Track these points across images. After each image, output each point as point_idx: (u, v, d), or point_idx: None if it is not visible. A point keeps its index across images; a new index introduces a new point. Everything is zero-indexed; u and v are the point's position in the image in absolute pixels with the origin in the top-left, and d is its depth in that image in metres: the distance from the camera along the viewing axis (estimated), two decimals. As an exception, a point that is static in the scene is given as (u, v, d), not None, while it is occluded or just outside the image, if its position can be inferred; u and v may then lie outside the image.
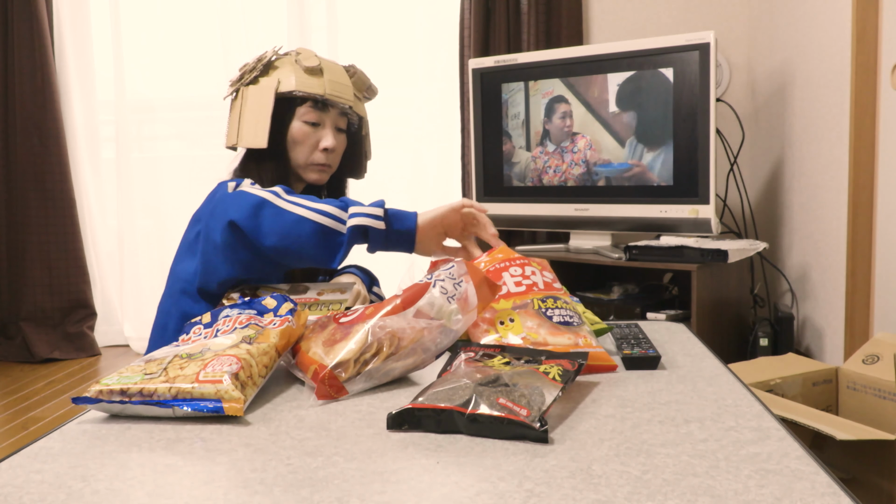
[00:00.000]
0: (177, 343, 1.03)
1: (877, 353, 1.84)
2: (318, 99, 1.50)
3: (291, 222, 1.21)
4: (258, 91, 1.49)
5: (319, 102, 1.51)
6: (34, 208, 3.72)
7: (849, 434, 1.47)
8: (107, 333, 3.95)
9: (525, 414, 0.77)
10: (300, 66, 1.50)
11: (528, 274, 1.11)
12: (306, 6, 3.67)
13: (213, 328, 1.03)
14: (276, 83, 1.49)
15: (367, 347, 0.96)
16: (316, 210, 1.23)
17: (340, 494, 0.65)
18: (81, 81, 3.83)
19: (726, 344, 2.70)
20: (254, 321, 1.02)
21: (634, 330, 1.19)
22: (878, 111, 2.22)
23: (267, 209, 1.23)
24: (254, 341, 0.98)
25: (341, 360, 0.94)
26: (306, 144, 1.51)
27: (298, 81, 1.49)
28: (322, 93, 1.50)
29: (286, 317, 1.05)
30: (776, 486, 0.64)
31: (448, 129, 3.58)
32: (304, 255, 1.23)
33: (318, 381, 0.93)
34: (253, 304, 1.08)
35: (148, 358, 0.96)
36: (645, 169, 2.77)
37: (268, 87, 1.49)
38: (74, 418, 0.90)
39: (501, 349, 0.95)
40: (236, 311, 1.06)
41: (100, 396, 0.88)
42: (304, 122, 1.50)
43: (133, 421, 0.88)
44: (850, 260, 2.30)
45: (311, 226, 1.21)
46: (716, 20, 3.29)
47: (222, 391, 0.87)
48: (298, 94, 1.49)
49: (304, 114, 1.50)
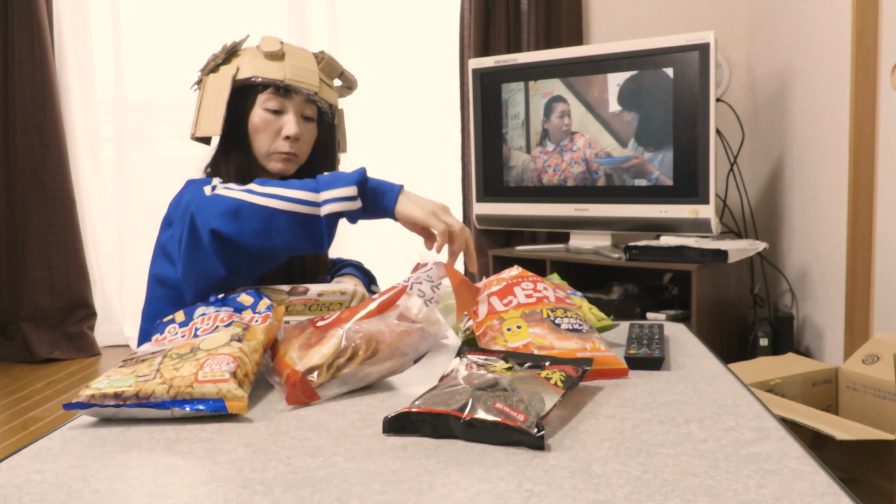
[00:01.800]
0: (151, 343, 1.01)
1: (877, 353, 1.84)
2: (279, 85, 1.43)
3: (269, 217, 1.17)
4: (217, 78, 1.44)
5: (281, 89, 1.43)
6: (34, 208, 3.72)
7: (849, 434, 1.47)
8: (107, 333, 3.95)
9: (522, 419, 0.76)
10: (261, 52, 1.44)
11: (539, 289, 1.10)
12: (306, 6, 3.67)
13: (191, 327, 1.01)
14: (234, 70, 1.43)
15: (342, 352, 0.94)
16: (290, 199, 1.18)
17: (340, 494, 0.65)
18: (81, 81, 3.83)
19: (726, 344, 2.70)
20: (236, 319, 1.01)
21: (654, 331, 1.17)
22: (878, 111, 2.22)
23: (244, 210, 1.19)
24: (244, 339, 0.97)
25: (314, 364, 0.93)
26: (268, 132, 1.44)
27: (257, 67, 1.43)
28: (282, 78, 1.42)
29: (266, 313, 1.04)
30: (776, 486, 0.64)
31: (448, 129, 3.58)
32: (291, 247, 1.20)
33: (290, 385, 0.92)
34: (227, 302, 1.06)
35: (131, 360, 0.95)
36: (644, 160, 2.77)
37: (226, 74, 1.43)
38: (75, 418, 0.90)
39: (505, 354, 0.94)
40: (212, 309, 1.04)
41: (92, 401, 0.86)
42: (265, 109, 1.43)
43: (132, 422, 0.88)
44: (850, 260, 2.30)
45: (287, 218, 1.17)
46: (716, 20, 3.29)
47: (224, 390, 0.87)
48: (257, 79, 1.42)
49: (265, 101, 1.43)
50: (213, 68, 1.45)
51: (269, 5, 3.71)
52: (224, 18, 3.76)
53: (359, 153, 3.73)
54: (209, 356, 0.92)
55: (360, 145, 3.74)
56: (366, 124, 3.72)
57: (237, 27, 3.75)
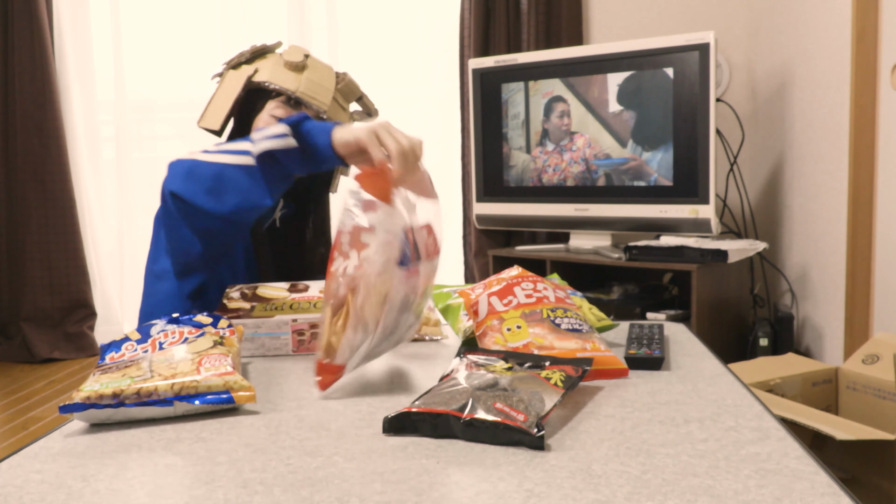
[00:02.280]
0: (106, 361, 0.96)
1: (877, 353, 1.84)
2: (290, 95, 1.43)
3: (218, 174, 1.16)
4: (235, 76, 1.45)
5: (291, 99, 1.44)
6: (34, 208, 3.71)
7: (849, 434, 1.47)
8: (107, 333, 3.94)
9: (522, 419, 0.76)
10: (282, 60, 1.45)
11: (539, 289, 1.10)
12: (306, 6, 3.67)
13: (153, 342, 0.98)
14: (252, 71, 1.43)
15: (335, 317, 0.94)
16: (234, 152, 1.17)
17: (340, 494, 0.65)
18: (81, 81, 3.83)
19: (726, 344, 2.70)
20: (207, 331, 1.00)
21: (654, 331, 1.17)
22: (878, 111, 2.22)
23: (196, 169, 1.18)
24: (225, 344, 0.98)
25: (323, 347, 0.95)
26: None
27: (274, 74, 1.43)
28: (294, 89, 1.42)
29: (231, 328, 1.04)
30: (776, 486, 0.64)
31: (448, 130, 3.58)
32: (242, 203, 1.17)
33: (317, 375, 0.95)
34: (185, 322, 1.03)
35: (112, 367, 0.92)
36: (642, 163, 2.77)
37: (243, 74, 1.44)
38: (75, 418, 0.90)
39: (505, 354, 0.94)
40: (172, 326, 1.01)
41: (88, 402, 0.84)
42: (271, 115, 1.43)
43: (131, 422, 0.87)
44: (850, 260, 2.30)
45: (233, 170, 1.16)
46: (716, 20, 3.30)
47: (231, 382, 0.87)
48: (270, 86, 1.42)
49: (273, 107, 1.43)
50: (236, 65, 1.46)
51: (269, 5, 3.71)
52: (224, 18, 3.76)
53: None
54: (202, 355, 0.92)
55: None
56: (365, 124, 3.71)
57: (237, 27, 3.75)
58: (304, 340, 1.18)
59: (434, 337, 1.26)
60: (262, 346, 1.18)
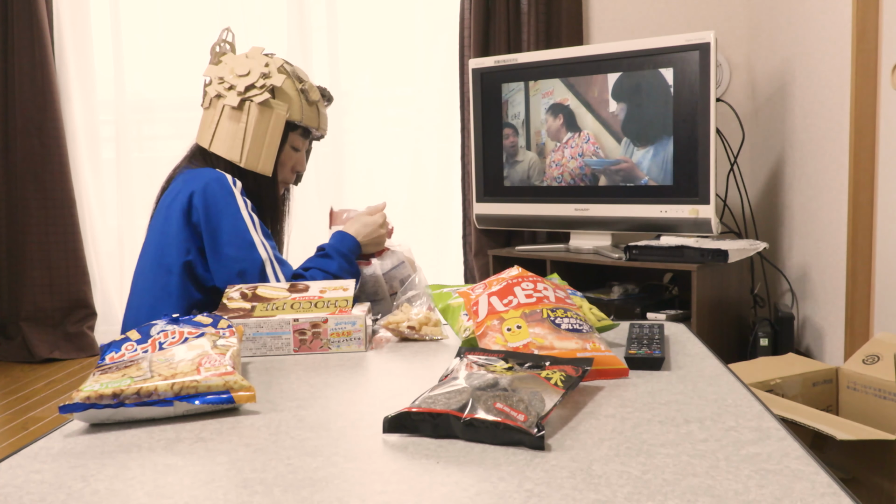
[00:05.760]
0: (105, 361, 0.96)
1: (877, 353, 1.84)
2: (314, 134, 1.63)
3: None
4: (269, 115, 1.53)
5: (309, 133, 1.62)
6: (34, 208, 3.71)
7: (849, 434, 1.47)
8: (107, 333, 3.94)
9: (522, 419, 0.76)
10: (304, 98, 1.57)
11: (539, 289, 1.10)
12: (306, 6, 3.67)
13: (153, 342, 0.99)
14: (285, 111, 1.54)
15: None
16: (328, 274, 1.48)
17: (340, 494, 0.65)
18: (81, 81, 3.83)
19: (726, 344, 2.70)
20: (206, 332, 1.00)
21: (654, 331, 1.17)
22: (878, 111, 2.22)
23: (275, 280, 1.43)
24: (225, 344, 0.98)
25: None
26: (287, 166, 1.61)
27: (305, 115, 1.58)
28: (316, 126, 1.62)
29: (231, 329, 1.04)
30: (776, 486, 0.64)
31: (448, 129, 3.58)
32: None
33: None
34: (185, 322, 1.04)
35: (112, 367, 0.92)
36: (642, 162, 2.77)
37: (279, 116, 1.54)
38: (75, 418, 0.90)
39: (505, 354, 0.94)
40: (172, 326, 1.02)
41: (88, 402, 0.84)
42: (292, 146, 1.60)
43: (131, 422, 0.87)
44: (850, 260, 2.30)
45: None
46: (716, 20, 3.30)
47: (231, 381, 0.87)
48: (303, 126, 1.59)
49: (293, 139, 1.59)
50: (264, 101, 1.52)
51: (269, 5, 3.71)
52: (224, 18, 3.75)
53: (359, 153, 3.74)
54: (202, 356, 0.92)
55: (360, 146, 3.74)
56: (366, 124, 3.72)
57: (237, 27, 3.74)
58: (305, 340, 1.18)
59: (434, 337, 1.26)
60: (264, 345, 1.18)
